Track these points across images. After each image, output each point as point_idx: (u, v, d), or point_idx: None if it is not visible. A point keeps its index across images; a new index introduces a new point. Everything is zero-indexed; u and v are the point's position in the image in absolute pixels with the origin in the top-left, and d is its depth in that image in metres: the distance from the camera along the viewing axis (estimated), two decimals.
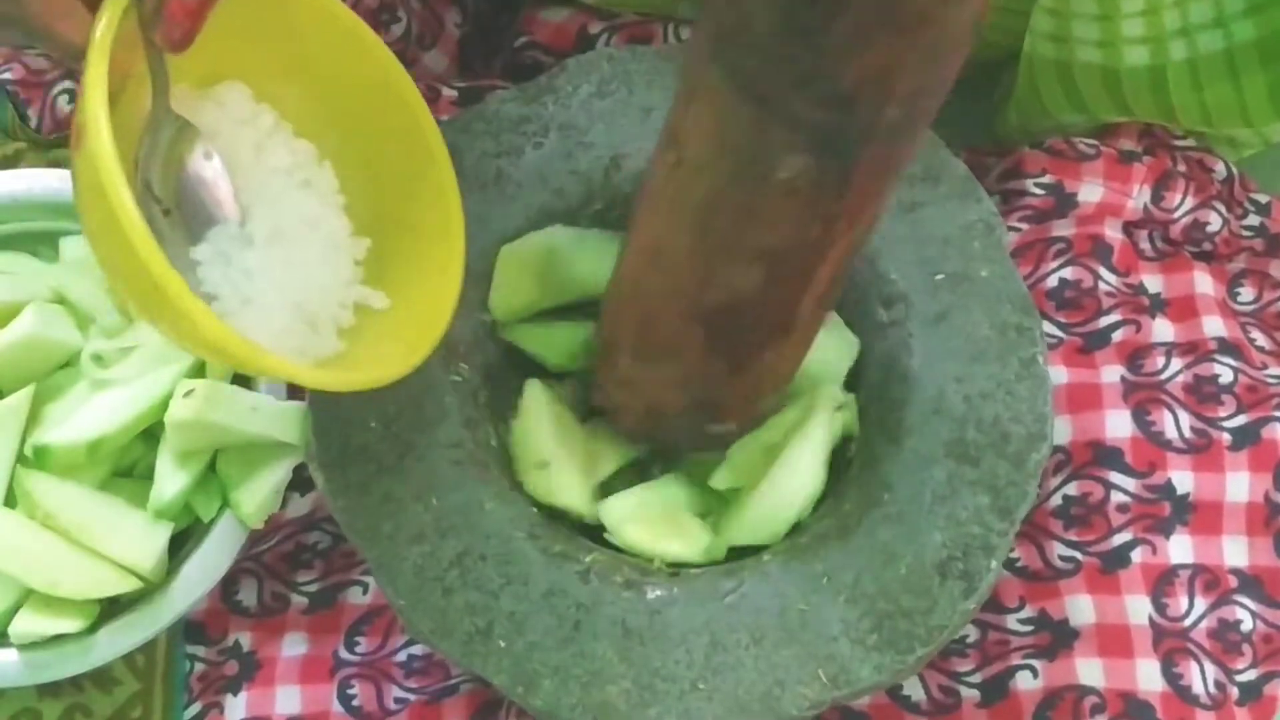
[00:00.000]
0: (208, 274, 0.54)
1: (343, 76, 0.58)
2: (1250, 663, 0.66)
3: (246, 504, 0.63)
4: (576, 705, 0.57)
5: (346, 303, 0.58)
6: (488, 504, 0.60)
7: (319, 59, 0.58)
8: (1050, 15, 0.70)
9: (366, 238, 0.59)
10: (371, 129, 0.59)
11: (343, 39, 0.58)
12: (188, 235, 0.54)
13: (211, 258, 0.54)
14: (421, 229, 0.59)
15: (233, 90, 0.57)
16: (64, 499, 0.63)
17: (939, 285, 0.63)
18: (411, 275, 0.59)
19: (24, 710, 0.68)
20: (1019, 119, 0.78)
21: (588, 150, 0.66)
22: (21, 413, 0.64)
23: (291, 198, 0.57)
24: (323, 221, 0.58)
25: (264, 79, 0.58)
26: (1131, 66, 0.71)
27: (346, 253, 0.59)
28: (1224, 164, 0.75)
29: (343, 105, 0.59)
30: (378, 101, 0.59)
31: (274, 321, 0.55)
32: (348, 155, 0.59)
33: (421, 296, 0.58)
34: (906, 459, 0.61)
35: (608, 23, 0.76)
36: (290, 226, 0.56)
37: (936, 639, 0.57)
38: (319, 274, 0.57)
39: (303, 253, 0.57)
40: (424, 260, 0.59)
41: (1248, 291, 0.75)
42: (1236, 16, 0.68)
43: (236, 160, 0.56)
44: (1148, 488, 0.68)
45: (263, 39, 0.57)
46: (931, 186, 0.65)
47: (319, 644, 0.68)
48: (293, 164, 0.58)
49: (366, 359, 0.57)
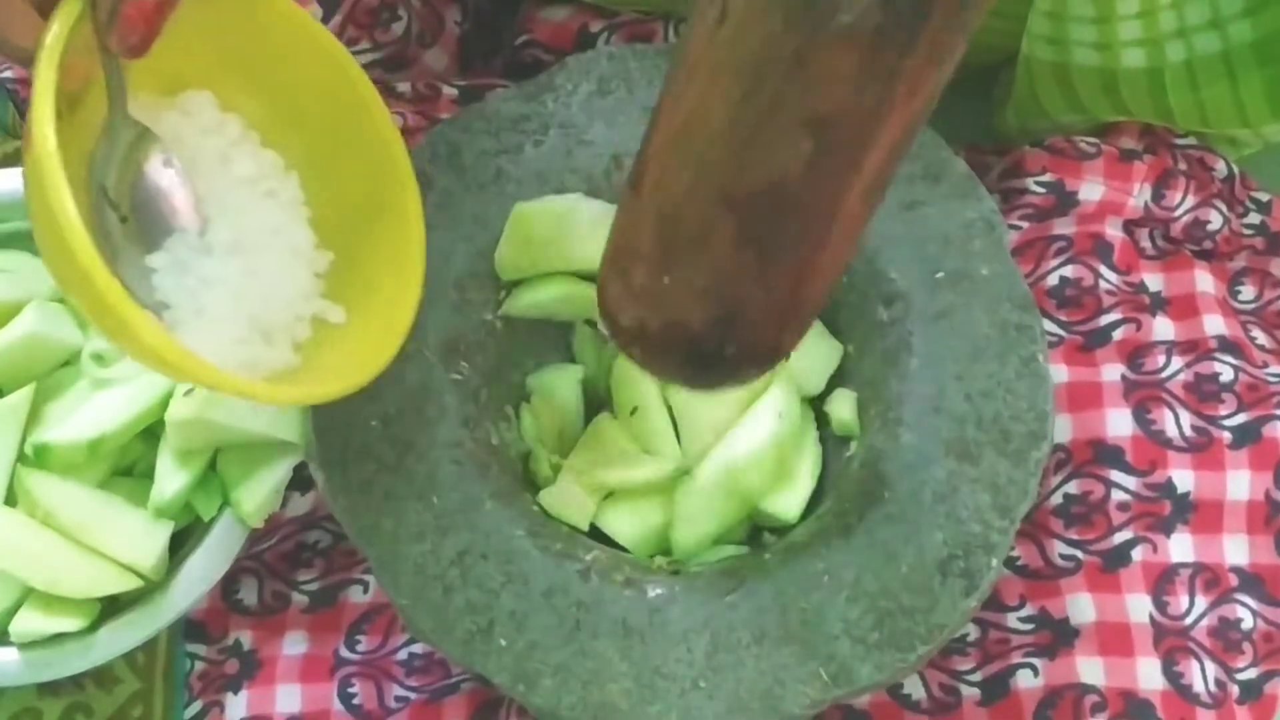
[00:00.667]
0: (162, 282, 0.54)
1: (309, 88, 0.58)
2: (1251, 661, 0.66)
3: (247, 503, 0.63)
4: (577, 704, 0.57)
5: (304, 316, 0.58)
6: (488, 503, 0.60)
7: (287, 70, 0.58)
8: (1047, 18, 0.70)
9: (330, 251, 0.59)
10: (338, 142, 0.59)
11: (311, 51, 0.58)
12: (145, 242, 0.54)
13: (168, 266, 0.54)
14: (383, 245, 0.59)
15: (198, 98, 0.57)
16: (64, 498, 0.63)
17: (939, 284, 0.63)
18: (370, 291, 0.59)
19: (24, 709, 0.68)
20: (1017, 120, 0.78)
21: (588, 148, 0.66)
22: (22, 412, 0.64)
23: (255, 207, 0.57)
24: (286, 232, 0.58)
25: (231, 88, 0.57)
26: (1129, 69, 0.71)
27: (308, 265, 0.58)
28: (1225, 162, 0.75)
29: (310, 117, 0.59)
30: (344, 114, 0.59)
31: (227, 332, 0.54)
32: (314, 167, 0.59)
33: (378, 314, 0.58)
34: (907, 457, 0.61)
35: (608, 21, 0.76)
36: (252, 236, 0.56)
37: (937, 637, 0.57)
38: (278, 285, 0.57)
39: (263, 263, 0.56)
40: (384, 277, 0.59)
41: (1248, 290, 0.75)
42: (1234, 18, 0.68)
43: (200, 168, 0.56)
44: (1148, 486, 0.68)
45: (231, 48, 0.57)
46: (932, 185, 0.65)
47: (319, 643, 0.68)
48: (258, 173, 0.58)
49: (319, 373, 0.56)
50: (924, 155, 0.65)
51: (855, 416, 0.64)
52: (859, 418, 0.64)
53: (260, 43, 0.57)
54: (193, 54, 0.56)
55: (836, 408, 0.64)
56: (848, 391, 0.64)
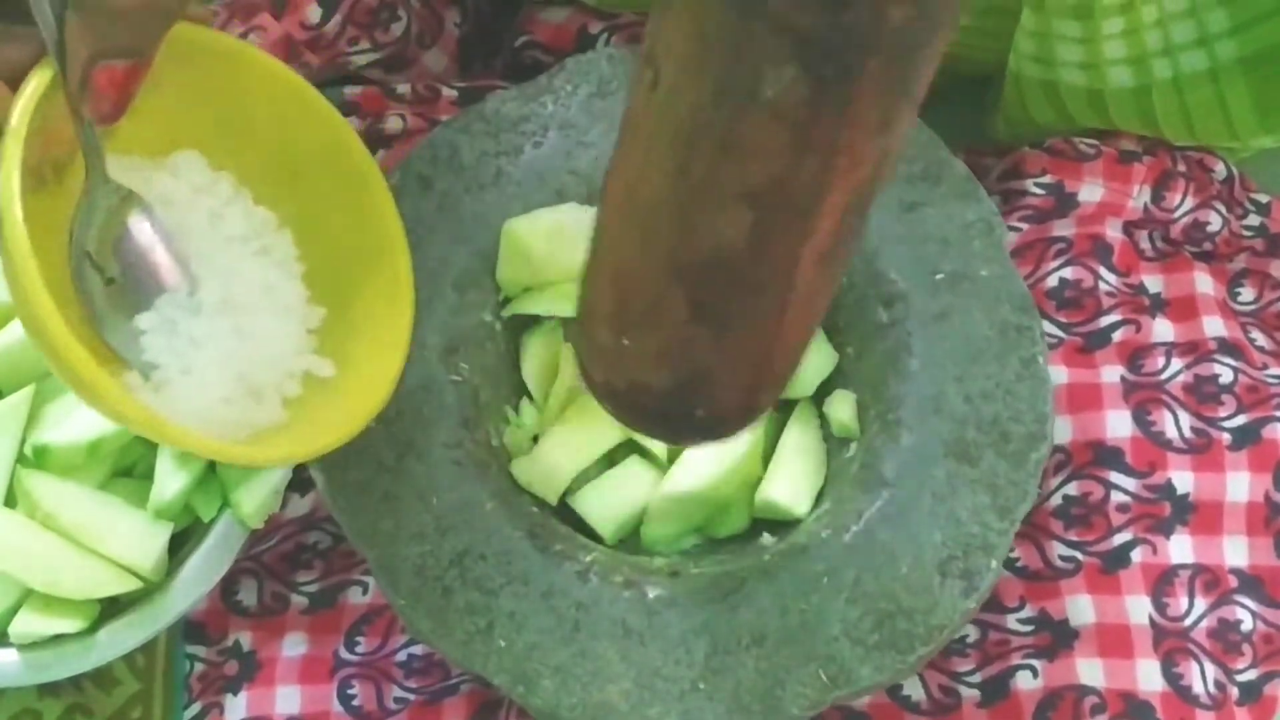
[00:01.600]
0: (151, 342, 0.54)
1: (300, 145, 0.58)
2: (1250, 663, 0.66)
3: (246, 504, 0.63)
4: (577, 705, 0.57)
5: (295, 372, 0.58)
6: (488, 503, 0.60)
7: (276, 128, 0.58)
8: (1032, 38, 0.71)
9: (322, 306, 0.59)
10: (329, 197, 0.59)
11: (299, 109, 0.58)
12: (134, 303, 0.54)
13: (156, 326, 0.54)
14: (373, 297, 0.59)
15: (188, 158, 0.57)
16: (64, 499, 0.63)
17: (939, 285, 0.63)
18: (359, 344, 0.59)
19: (24, 710, 0.68)
20: (1009, 129, 0.78)
21: (587, 150, 0.66)
22: (21, 413, 0.64)
23: (247, 266, 0.57)
24: (278, 289, 0.58)
25: (222, 147, 0.58)
26: (1116, 88, 0.71)
27: (300, 321, 0.58)
28: (1224, 164, 0.75)
29: (301, 173, 0.59)
30: (335, 170, 0.59)
31: (214, 392, 0.54)
32: (307, 222, 0.59)
33: (367, 366, 0.58)
34: (906, 458, 0.61)
35: (608, 22, 0.76)
36: (243, 294, 0.56)
37: (937, 638, 0.57)
38: (269, 343, 0.57)
39: (254, 322, 0.56)
40: (372, 330, 0.59)
41: (1248, 291, 0.75)
42: (1220, 36, 0.68)
43: (192, 229, 0.56)
44: (1148, 488, 0.68)
45: (220, 108, 0.57)
46: (931, 186, 0.65)
47: (319, 644, 0.68)
48: (249, 231, 0.58)
49: (306, 427, 0.57)
50: (924, 156, 0.65)
51: (854, 418, 0.64)
52: (859, 418, 0.64)
53: (249, 102, 0.57)
54: (182, 115, 0.56)
55: (836, 410, 0.64)
56: (847, 393, 0.64)
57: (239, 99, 0.57)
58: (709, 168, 0.45)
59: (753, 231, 0.46)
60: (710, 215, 0.46)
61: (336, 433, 0.55)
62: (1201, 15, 0.68)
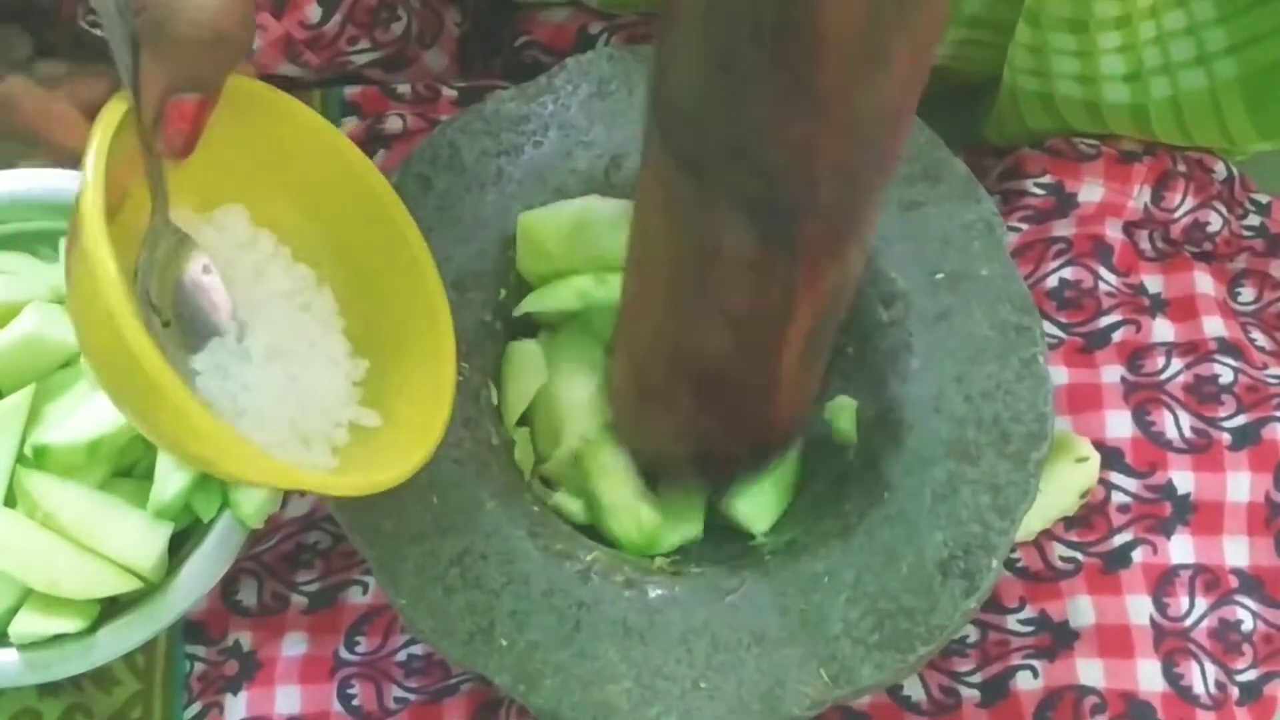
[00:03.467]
0: (206, 384, 0.54)
1: (337, 199, 0.59)
2: (1251, 663, 0.66)
3: (246, 504, 0.63)
4: (578, 704, 0.57)
5: (342, 422, 0.58)
6: (488, 503, 0.60)
7: (313, 182, 0.58)
8: (1028, 51, 0.71)
9: (365, 359, 0.60)
10: (366, 251, 0.60)
11: (334, 162, 0.58)
12: (186, 346, 0.54)
13: (210, 368, 0.54)
14: (415, 348, 0.60)
15: (232, 214, 0.58)
16: (64, 499, 0.63)
17: (939, 285, 0.63)
18: (404, 394, 0.59)
19: (24, 710, 0.68)
20: (1002, 134, 0.78)
21: (588, 150, 0.66)
22: (21, 412, 0.64)
23: (291, 319, 0.58)
24: (321, 343, 0.58)
25: (263, 202, 0.58)
26: (1112, 103, 0.71)
27: (344, 373, 0.59)
28: (1224, 164, 0.75)
29: (338, 228, 0.60)
30: (370, 225, 0.60)
31: (268, 435, 0.55)
32: (345, 276, 0.60)
33: (414, 415, 0.58)
34: (907, 458, 0.61)
35: (607, 22, 0.76)
36: (289, 345, 0.57)
37: (937, 638, 0.57)
38: (316, 393, 0.57)
39: (301, 371, 0.57)
40: (417, 379, 0.59)
41: (1248, 291, 0.75)
42: (1218, 54, 0.68)
43: (236, 280, 0.56)
44: (1148, 488, 0.68)
45: (260, 163, 0.57)
46: (931, 186, 0.65)
47: (319, 644, 0.68)
48: (292, 288, 0.58)
49: (356, 475, 0.57)
50: (923, 156, 0.65)
51: (854, 425, 0.64)
52: (859, 418, 0.64)
53: (288, 155, 0.58)
54: (226, 169, 0.56)
55: (836, 418, 0.64)
56: (848, 399, 0.64)
57: (279, 152, 0.57)
58: (692, 298, 0.53)
59: (737, 346, 0.54)
60: (700, 333, 0.54)
61: (390, 473, 0.55)
62: (1200, 34, 0.68)
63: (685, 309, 0.54)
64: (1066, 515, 0.68)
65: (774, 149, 0.45)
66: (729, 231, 0.48)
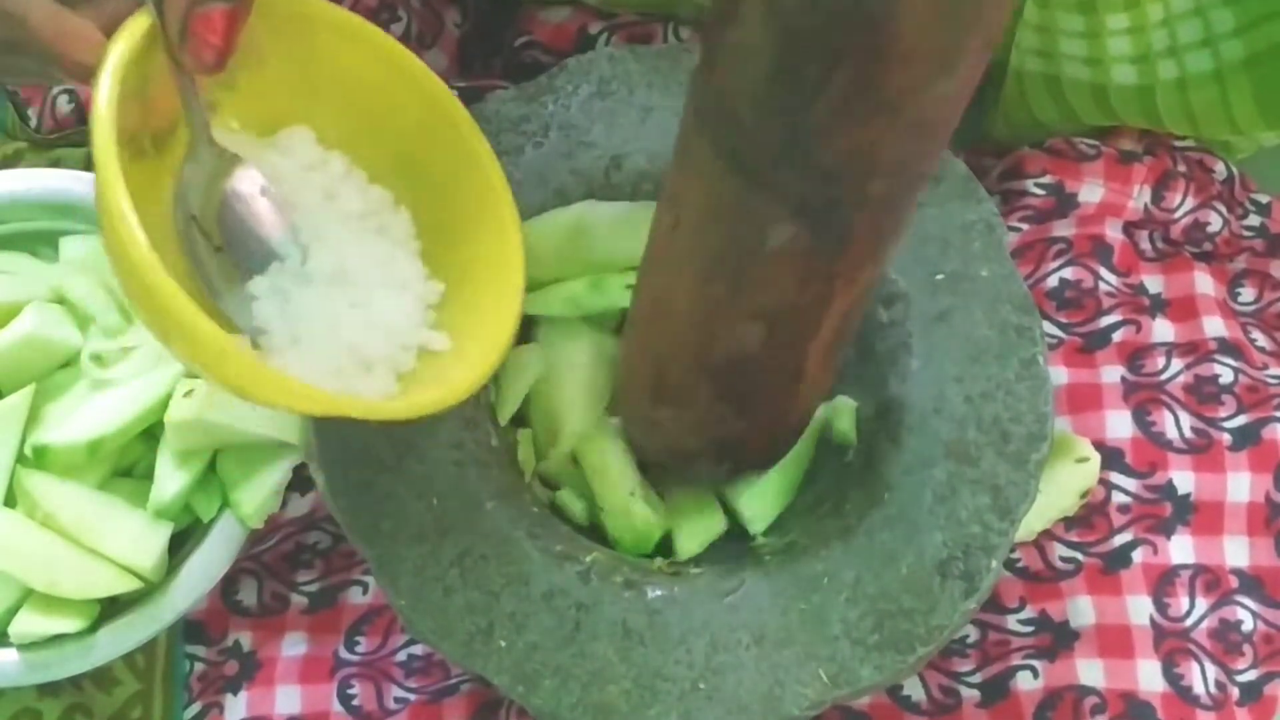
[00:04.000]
0: (262, 309, 0.53)
1: (407, 119, 0.57)
2: (1251, 663, 0.66)
3: (246, 504, 0.63)
4: (577, 705, 0.57)
5: (410, 346, 0.57)
6: (488, 504, 0.60)
7: (381, 102, 0.57)
8: (1036, 32, 0.71)
9: (442, 282, 0.58)
10: (439, 170, 0.58)
11: (401, 80, 0.57)
12: (243, 270, 0.53)
13: (268, 292, 0.53)
14: (483, 266, 0.58)
15: (297, 135, 0.56)
16: (64, 499, 0.63)
17: (939, 285, 0.63)
18: (471, 312, 0.58)
19: (24, 710, 0.68)
20: (1009, 127, 0.78)
21: (588, 150, 0.66)
22: (21, 413, 0.64)
23: (362, 242, 0.56)
24: (395, 265, 0.57)
25: (332, 124, 0.57)
26: (1120, 85, 0.71)
27: (418, 298, 0.57)
28: (1224, 164, 0.75)
29: (410, 148, 0.58)
30: (442, 143, 0.58)
31: (323, 362, 0.53)
32: (419, 197, 0.59)
33: (479, 332, 0.57)
34: (907, 459, 0.61)
35: (607, 22, 0.76)
36: (356, 269, 0.55)
37: (937, 639, 0.57)
38: (384, 317, 0.56)
39: (369, 295, 0.55)
40: (484, 297, 0.58)
41: (1248, 292, 0.75)
42: (1225, 36, 0.68)
43: (301, 204, 0.55)
44: (1148, 488, 0.68)
45: (325, 84, 0.56)
46: (932, 186, 0.65)
47: (319, 644, 0.68)
48: (366, 209, 0.57)
49: (416, 396, 0.56)
50: None
51: (853, 426, 0.64)
52: (859, 418, 0.64)
53: (355, 79, 0.56)
54: (287, 92, 0.55)
55: (834, 417, 0.64)
56: (848, 400, 0.64)
57: (343, 72, 0.56)
58: (725, 295, 0.52)
59: (765, 340, 0.54)
60: (728, 328, 0.54)
61: (449, 392, 0.54)
62: (1207, 15, 0.68)
63: (717, 304, 0.53)
64: (1066, 515, 0.68)
65: (834, 149, 0.44)
66: (775, 227, 0.48)
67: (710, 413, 0.59)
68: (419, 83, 0.57)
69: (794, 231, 0.48)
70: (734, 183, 0.47)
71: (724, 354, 0.55)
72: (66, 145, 0.76)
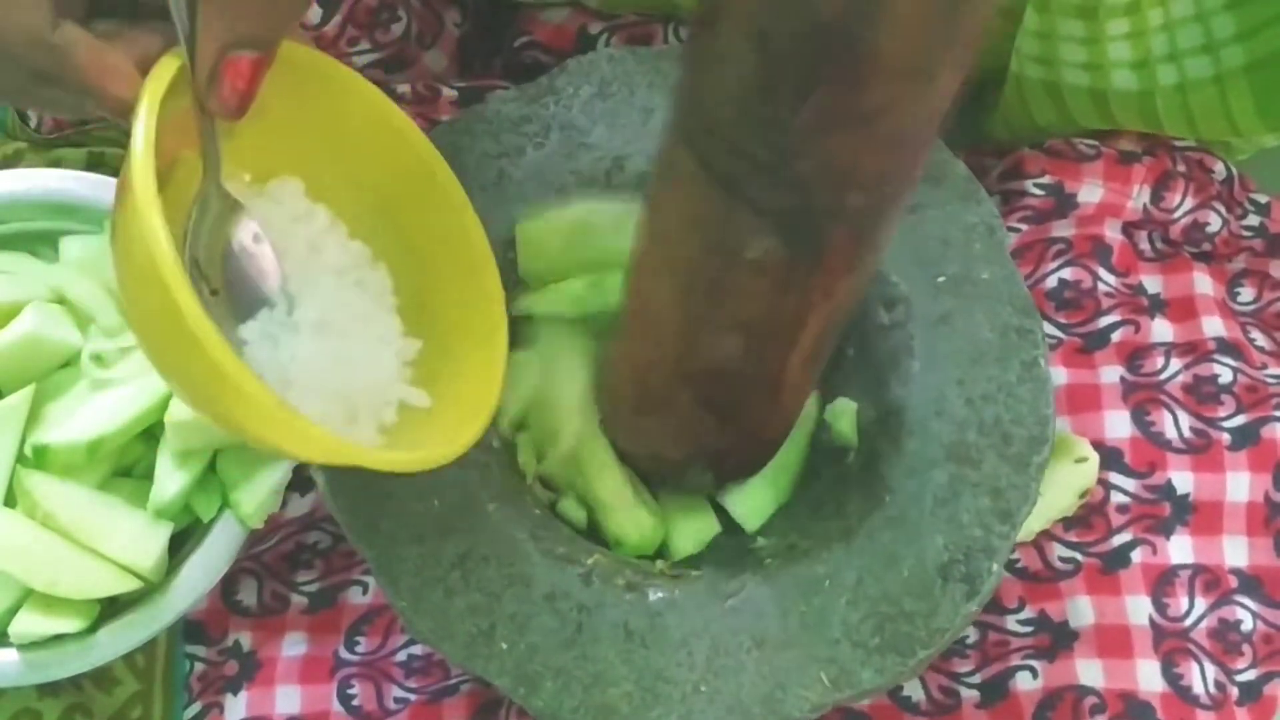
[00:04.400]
0: (254, 354, 0.53)
1: (394, 177, 0.58)
2: (1250, 663, 0.67)
3: (246, 504, 0.63)
4: (578, 707, 0.57)
5: (391, 400, 0.57)
6: (489, 505, 0.60)
7: (370, 158, 0.57)
8: (1036, 38, 0.71)
9: (418, 339, 0.58)
10: (422, 230, 0.59)
11: (392, 139, 0.57)
12: (234, 315, 0.53)
13: (258, 338, 0.53)
14: (466, 330, 0.59)
15: (287, 187, 0.57)
16: (64, 499, 0.63)
17: (940, 287, 0.63)
18: (454, 375, 0.58)
19: (24, 710, 0.68)
20: (1008, 130, 0.78)
21: (589, 151, 0.66)
22: (21, 413, 0.64)
23: (343, 295, 0.57)
24: (374, 320, 0.57)
25: (319, 176, 0.57)
26: (1120, 90, 0.71)
27: (395, 352, 0.58)
28: (1224, 164, 0.75)
29: (394, 205, 0.58)
30: (426, 204, 0.59)
31: (314, 408, 0.53)
32: (400, 254, 0.59)
33: (463, 396, 0.57)
34: (908, 461, 0.61)
35: (608, 23, 0.76)
36: (339, 320, 0.56)
37: (938, 641, 0.57)
38: (365, 369, 0.56)
39: (350, 347, 0.56)
40: (467, 361, 0.58)
41: (1247, 292, 0.75)
42: (1226, 42, 0.68)
43: (289, 254, 0.55)
44: (1147, 488, 0.68)
45: (317, 136, 0.56)
46: (932, 188, 0.65)
47: (319, 644, 0.68)
48: (346, 264, 0.57)
49: (405, 451, 0.55)
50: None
51: (854, 428, 0.64)
52: (859, 420, 0.64)
53: (345, 129, 0.57)
54: (282, 140, 0.55)
55: (835, 419, 0.64)
56: (848, 402, 0.64)
57: (337, 125, 0.56)
58: (704, 305, 0.53)
59: (745, 351, 0.54)
60: (708, 338, 0.55)
61: (438, 452, 0.54)
62: (1208, 21, 0.68)
63: (696, 314, 0.54)
64: (1066, 516, 0.68)
65: (812, 161, 0.45)
66: (754, 238, 0.48)
67: (689, 419, 0.60)
68: (407, 139, 0.58)
69: (772, 243, 0.48)
70: (713, 194, 0.48)
71: (704, 363, 0.56)
72: (66, 145, 0.76)
